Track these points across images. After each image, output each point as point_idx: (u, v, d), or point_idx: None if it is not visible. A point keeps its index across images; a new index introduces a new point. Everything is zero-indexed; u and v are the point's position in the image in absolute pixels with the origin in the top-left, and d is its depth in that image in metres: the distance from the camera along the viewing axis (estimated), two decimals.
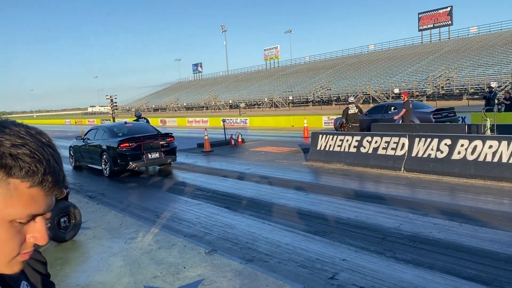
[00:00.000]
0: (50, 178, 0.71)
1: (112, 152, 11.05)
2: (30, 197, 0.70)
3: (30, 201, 0.70)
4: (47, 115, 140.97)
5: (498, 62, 44.85)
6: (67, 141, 18.19)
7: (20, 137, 0.70)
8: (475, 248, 4.73)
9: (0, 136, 0.69)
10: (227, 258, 4.79)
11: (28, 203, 0.70)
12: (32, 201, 0.70)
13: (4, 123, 0.72)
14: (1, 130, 0.70)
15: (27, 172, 0.69)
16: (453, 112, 16.12)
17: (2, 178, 0.68)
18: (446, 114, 15.54)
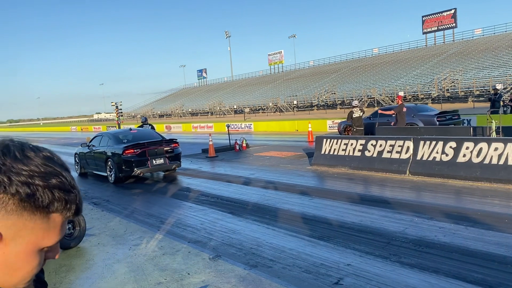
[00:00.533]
0: (80, 205, 0.76)
1: (117, 159, 11.09)
2: (62, 224, 0.74)
3: (62, 228, 0.75)
4: (54, 122, 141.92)
5: (503, 64, 44.62)
6: (73, 148, 18.29)
7: (47, 166, 0.72)
8: (481, 252, 4.69)
9: (28, 167, 0.70)
10: (231, 264, 4.78)
11: (61, 231, 0.75)
12: (63, 227, 0.75)
13: (24, 151, 0.72)
14: (27, 159, 0.71)
15: (65, 205, 0.72)
16: (457, 115, 16.04)
17: (45, 215, 0.71)
18: (450, 117, 15.45)
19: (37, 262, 0.74)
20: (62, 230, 0.75)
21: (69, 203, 0.72)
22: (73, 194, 0.73)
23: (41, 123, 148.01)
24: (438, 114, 15.11)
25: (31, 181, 0.69)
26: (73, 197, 0.73)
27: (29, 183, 0.69)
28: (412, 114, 15.03)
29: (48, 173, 0.71)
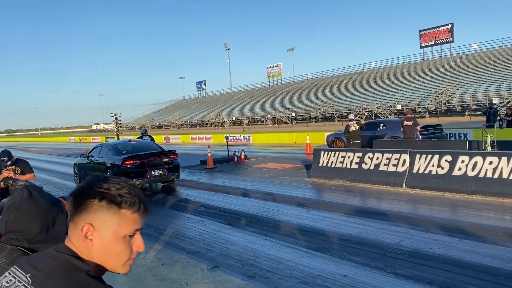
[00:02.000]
0: (143, 206, 1.10)
1: (116, 170, 11.16)
2: (133, 219, 1.08)
3: (134, 222, 1.08)
4: (52, 133, 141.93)
5: (500, 79, 45.07)
6: (72, 159, 18.36)
7: (118, 183, 1.09)
8: (475, 264, 4.77)
9: (107, 185, 1.08)
10: (229, 275, 4.85)
11: (133, 223, 1.08)
12: (134, 222, 1.08)
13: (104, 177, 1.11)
14: (106, 181, 1.09)
15: (130, 204, 1.07)
16: (440, 129, 16.64)
17: (116, 210, 1.06)
18: (433, 130, 16.06)
19: (122, 246, 1.07)
20: (135, 223, 1.08)
21: (133, 203, 1.08)
22: (136, 198, 1.09)
23: (39, 133, 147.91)
24: (421, 128, 15.38)
25: (106, 188, 1.07)
26: (136, 199, 1.08)
27: (105, 190, 1.07)
28: (396, 128, 15.66)
29: (119, 186, 1.09)
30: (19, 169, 6.52)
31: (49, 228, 1.60)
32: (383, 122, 17.01)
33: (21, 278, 1.04)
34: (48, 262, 1.05)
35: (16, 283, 1.04)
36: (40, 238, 1.59)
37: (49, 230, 1.60)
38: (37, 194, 1.65)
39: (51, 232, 1.60)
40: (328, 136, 19.33)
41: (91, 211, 1.06)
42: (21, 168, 6.56)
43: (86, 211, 1.06)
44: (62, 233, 1.60)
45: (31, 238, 1.59)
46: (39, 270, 1.04)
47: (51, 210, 1.62)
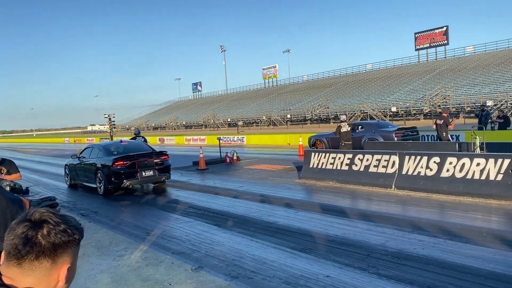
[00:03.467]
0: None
1: (106, 170, 11.13)
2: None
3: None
4: (47, 134, 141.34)
5: (494, 81, 45.35)
6: (64, 160, 18.29)
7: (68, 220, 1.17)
8: (457, 264, 4.79)
9: (71, 223, 1.14)
10: (213, 275, 4.84)
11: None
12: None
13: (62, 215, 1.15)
14: (65, 219, 1.14)
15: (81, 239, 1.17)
16: (416, 131, 17.21)
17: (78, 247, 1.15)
18: (408, 133, 16.63)
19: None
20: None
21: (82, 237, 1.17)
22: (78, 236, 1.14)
23: (34, 134, 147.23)
24: (396, 130, 16.29)
25: (78, 227, 1.15)
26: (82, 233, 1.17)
27: (77, 228, 1.15)
28: (374, 130, 16.19)
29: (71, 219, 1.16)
30: (5, 169, 6.50)
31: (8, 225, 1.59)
32: (361, 124, 17.50)
33: None
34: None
35: None
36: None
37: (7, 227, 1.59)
38: None
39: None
40: (310, 138, 19.85)
41: (69, 253, 1.09)
42: (7, 168, 6.54)
43: (66, 254, 1.07)
44: None
45: None
46: None
47: (10, 207, 1.61)
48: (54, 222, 1.06)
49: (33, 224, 1.05)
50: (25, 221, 1.07)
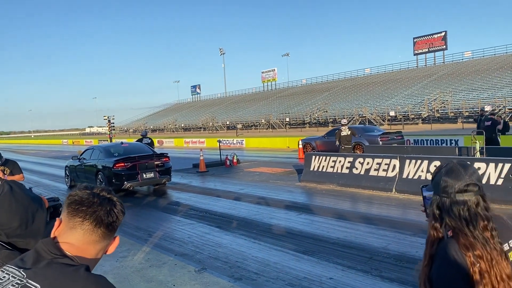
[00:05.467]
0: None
1: (107, 172, 11.14)
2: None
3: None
4: (45, 135, 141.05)
5: (492, 86, 45.53)
6: (63, 161, 18.28)
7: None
8: None
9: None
10: (216, 277, 4.86)
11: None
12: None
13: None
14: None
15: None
16: (401, 136, 17.82)
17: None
18: (393, 137, 17.21)
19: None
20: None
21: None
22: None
23: (32, 136, 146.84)
24: (381, 134, 16.85)
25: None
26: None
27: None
28: (359, 134, 16.60)
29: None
30: (8, 170, 6.50)
31: (29, 223, 1.62)
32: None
33: (14, 273, 1.07)
34: (42, 258, 1.10)
35: (10, 279, 1.06)
36: (19, 232, 1.61)
37: (28, 225, 1.62)
38: (18, 190, 1.68)
39: (30, 227, 1.63)
40: (299, 141, 20.50)
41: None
42: (10, 168, 6.54)
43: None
44: (41, 229, 1.62)
45: (10, 232, 1.61)
46: (33, 264, 1.08)
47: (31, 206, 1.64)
48: (119, 203, 1.23)
49: (110, 200, 1.21)
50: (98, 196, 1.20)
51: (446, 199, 1.50)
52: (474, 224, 1.44)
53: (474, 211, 1.46)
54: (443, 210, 1.50)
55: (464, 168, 1.51)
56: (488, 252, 1.40)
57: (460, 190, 1.47)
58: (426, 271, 1.49)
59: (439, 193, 1.52)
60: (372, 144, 16.03)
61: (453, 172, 1.50)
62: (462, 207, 1.46)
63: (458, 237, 1.44)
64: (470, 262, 1.38)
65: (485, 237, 1.43)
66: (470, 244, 1.41)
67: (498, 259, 1.40)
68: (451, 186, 1.48)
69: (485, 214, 1.46)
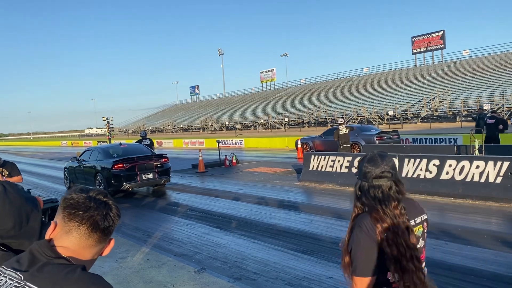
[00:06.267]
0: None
1: (106, 173, 11.13)
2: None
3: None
4: (44, 137, 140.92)
5: (490, 85, 45.59)
6: (62, 163, 18.25)
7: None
8: (459, 266, 4.82)
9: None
10: (216, 277, 4.85)
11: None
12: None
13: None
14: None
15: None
16: (397, 135, 17.87)
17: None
18: (389, 136, 17.30)
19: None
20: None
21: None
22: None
23: (31, 138, 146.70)
24: (377, 133, 16.93)
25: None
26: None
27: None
28: (356, 134, 16.67)
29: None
30: (6, 171, 6.49)
31: (23, 224, 1.61)
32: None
33: (12, 276, 1.07)
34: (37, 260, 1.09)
35: (7, 281, 1.06)
36: (13, 233, 1.60)
37: (22, 226, 1.61)
38: (11, 190, 1.66)
39: (24, 228, 1.61)
40: (296, 141, 20.61)
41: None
42: (9, 170, 6.53)
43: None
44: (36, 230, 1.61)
45: (4, 234, 1.59)
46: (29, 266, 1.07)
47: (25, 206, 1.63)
48: (115, 206, 1.22)
49: (105, 204, 1.20)
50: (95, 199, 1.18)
51: (365, 183, 1.82)
52: (386, 203, 1.75)
53: (387, 193, 1.78)
54: (362, 192, 1.83)
55: (382, 158, 1.84)
56: (395, 225, 1.71)
57: (377, 176, 1.79)
58: (347, 240, 1.80)
59: (361, 178, 1.85)
60: (369, 143, 16.10)
61: (372, 161, 1.83)
62: (377, 190, 1.78)
63: (371, 213, 1.75)
64: (378, 232, 1.70)
65: (394, 214, 1.74)
66: (380, 218, 1.72)
67: (404, 231, 1.72)
68: (370, 173, 1.80)
69: (396, 196, 1.79)
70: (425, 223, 1.96)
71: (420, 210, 1.98)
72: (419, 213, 1.94)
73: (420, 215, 1.94)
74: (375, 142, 16.23)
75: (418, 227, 1.89)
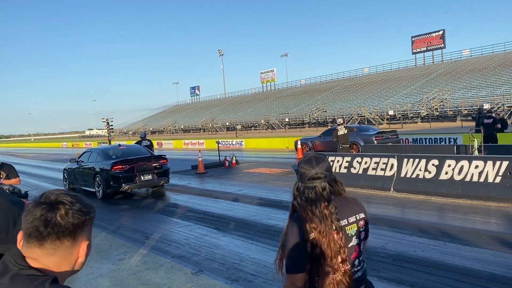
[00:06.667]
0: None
1: (105, 174, 11.11)
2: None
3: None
4: (45, 138, 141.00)
5: (490, 84, 45.54)
6: (63, 164, 18.24)
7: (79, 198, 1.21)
8: (457, 266, 4.80)
9: (83, 201, 1.19)
10: (213, 279, 4.83)
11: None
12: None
13: (74, 195, 1.16)
14: (77, 197, 1.17)
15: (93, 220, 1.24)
16: (395, 135, 17.85)
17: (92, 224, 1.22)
18: (388, 136, 17.25)
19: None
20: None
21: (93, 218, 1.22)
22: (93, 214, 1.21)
23: (32, 139, 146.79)
24: (376, 133, 16.89)
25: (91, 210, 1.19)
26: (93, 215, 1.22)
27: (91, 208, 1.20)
28: (355, 134, 16.65)
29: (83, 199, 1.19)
30: (4, 174, 6.48)
31: (9, 229, 1.59)
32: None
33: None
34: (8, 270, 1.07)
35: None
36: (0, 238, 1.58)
37: (9, 230, 1.59)
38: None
39: (11, 233, 1.60)
40: (296, 141, 20.64)
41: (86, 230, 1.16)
42: (6, 172, 6.52)
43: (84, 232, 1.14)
44: None
45: None
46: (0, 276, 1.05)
47: (12, 211, 1.61)
48: (69, 203, 1.11)
49: (50, 206, 1.09)
50: (41, 204, 1.10)
51: (301, 183, 1.94)
52: (317, 204, 1.85)
53: (320, 194, 1.87)
54: (299, 192, 1.93)
55: (317, 160, 1.94)
56: (323, 225, 1.81)
57: (311, 177, 1.89)
58: (283, 236, 1.93)
59: (299, 178, 1.97)
60: (367, 143, 16.09)
61: (308, 163, 1.94)
62: (311, 190, 1.88)
63: (302, 213, 1.87)
64: (306, 231, 1.81)
65: (323, 214, 1.83)
66: (309, 218, 1.83)
67: (330, 231, 1.81)
68: (305, 174, 1.91)
69: (328, 196, 1.87)
70: (361, 221, 1.98)
71: (357, 209, 2.00)
72: (354, 212, 1.98)
73: (355, 214, 1.98)
74: (373, 142, 16.21)
75: (352, 226, 1.94)
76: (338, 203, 1.91)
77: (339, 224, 1.86)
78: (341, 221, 1.89)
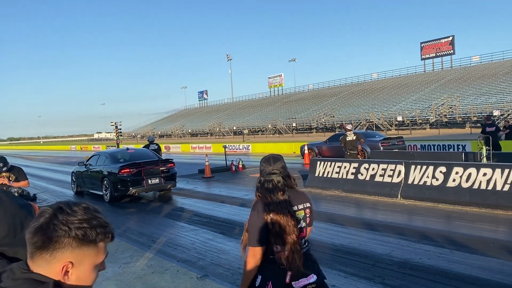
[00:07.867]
0: (111, 234, 1.17)
1: (112, 178, 11.19)
2: (104, 247, 1.16)
3: (105, 250, 1.16)
4: (54, 141, 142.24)
5: (500, 91, 45.15)
6: (71, 167, 18.40)
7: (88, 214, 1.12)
8: (464, 275, 4.77)
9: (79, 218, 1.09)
10: (218, 284, 4.84)
11: (104, 251, 1.16)
12: (105, 249, 1.16)
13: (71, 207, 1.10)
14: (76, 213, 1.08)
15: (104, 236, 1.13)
16: (402, 141, 17.76)
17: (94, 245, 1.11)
18: (394, 142, 17.14)
19: (95, 275, 1.15)
20: (105, 250, 1.16)
21: (107, 233, 1.13)
22: (108, 228, 1.14)
23: (41, 142, 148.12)
24: (382, 140, 16.80)
25: (81, 226, 1.08)
26: (108, 230, 1.14)
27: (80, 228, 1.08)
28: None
29: (89, 218, 1.10)
30: (13, 176, 6.56)
31: (17, 232, 1.62)
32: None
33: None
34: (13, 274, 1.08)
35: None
36: (7, 241, 1.61)
37: (16, 233, 1.62)
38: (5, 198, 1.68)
39: (18, 235, 1.63)
40: (301, 146, 20.87)
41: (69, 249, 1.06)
42: (16, 175, 6.60)
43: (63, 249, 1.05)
44: None
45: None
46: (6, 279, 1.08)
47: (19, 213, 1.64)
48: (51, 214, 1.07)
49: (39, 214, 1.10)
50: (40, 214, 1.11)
51: (262, 178, 2.48)
52: (274, 192, 2.38)
53: (276, 185, 2.40)
54: (260, 184, 2.46)
55: (274, 159, 2.50)
56: (279, 208, 2.31)
57: (269, 172, 2.44)
58: (248, 221, 2.40)
59: (260, 174, 2.50)
60: (373, 149, 16.02)
61: (266, 161, 2.50)
62: (269, 183, 2.42)
63: (262, 199, 2.38)
64: (266, 212, 2.31)
65: (280, 200, 2.35)
66: (268, 203, 2.34)
67: (286, 214, 2.31)
68: (264, 170, 2.46)
69: (283, 187, 2.41)
70: (308, 209, 2.53)
71: (304, 199, 2.55)
72: (302, 201, 2.51)
73: (303, 203, 2.51)
74: (379, 148, 16.12)
75: (300, 212, 2.47)
76: (291, 193, 2.45)
77: (292, 209, 2.37)
78: (293, 207, 2.40)
